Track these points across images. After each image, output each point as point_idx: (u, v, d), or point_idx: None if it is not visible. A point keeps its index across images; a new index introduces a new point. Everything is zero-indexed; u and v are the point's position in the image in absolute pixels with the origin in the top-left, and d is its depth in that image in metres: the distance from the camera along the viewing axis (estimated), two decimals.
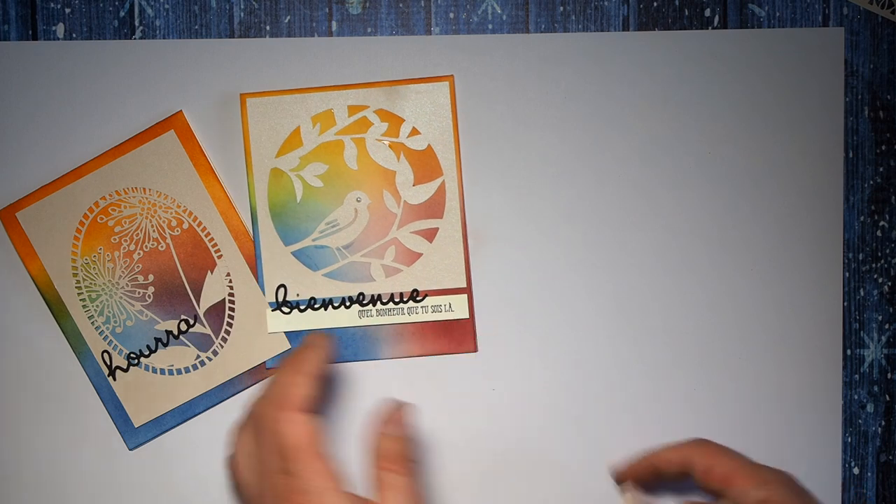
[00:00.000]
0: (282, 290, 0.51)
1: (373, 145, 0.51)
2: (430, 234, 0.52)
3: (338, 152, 0.51)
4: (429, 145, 0.51)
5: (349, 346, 0.52)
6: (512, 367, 0.52)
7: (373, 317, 0.51)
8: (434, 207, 0.52)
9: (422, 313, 0.52)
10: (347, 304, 0.51)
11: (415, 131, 0.51)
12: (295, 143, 0.51)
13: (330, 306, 0.51)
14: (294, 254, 0.51)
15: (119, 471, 0.52)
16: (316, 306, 0.51)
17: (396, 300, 0.51)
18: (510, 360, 0.52)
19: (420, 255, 0.51)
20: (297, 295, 0.51)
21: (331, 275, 0.51)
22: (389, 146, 0.51)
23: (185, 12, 0.52)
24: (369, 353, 0.52)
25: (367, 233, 0.51)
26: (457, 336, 0.52)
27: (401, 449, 0.42)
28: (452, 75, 0.51)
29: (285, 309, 0.51)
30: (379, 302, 0.51)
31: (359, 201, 0.51)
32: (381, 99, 0.51)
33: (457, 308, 0.52)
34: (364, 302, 0.51)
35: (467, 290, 0.52)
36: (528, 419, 0.52)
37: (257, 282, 0.51)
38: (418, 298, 0.51)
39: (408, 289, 0.51)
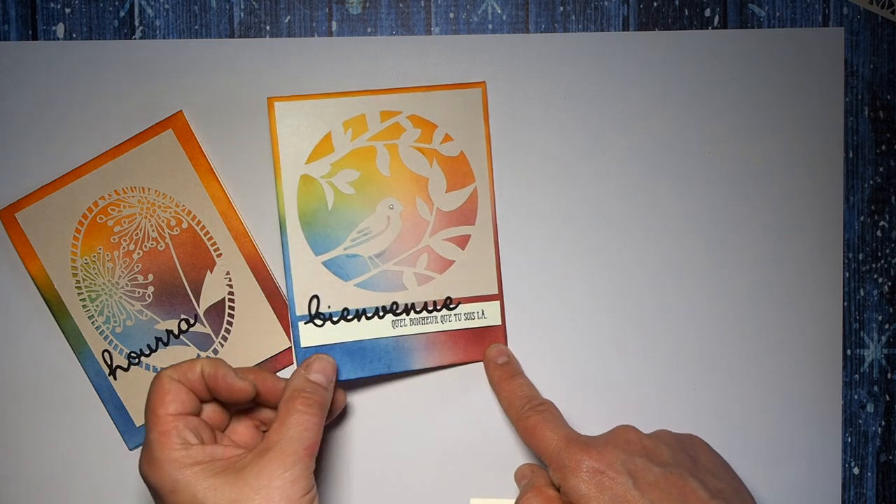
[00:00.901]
0: (314, 301, 0.50)
1: (405, 151, 0.50)
2: (462, 241, 0.51)
3: (370, 158, 0.50)
4: (461, 152, 0.51)
5: (382, 357, 0.50)
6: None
7: (406, 326, 0.51)
8: (466, 214, 0.51)
9: (455, 321, 0.51)
10: (381, 314, 0.50)
11: (447, 137, 0.51)
12: (326, 149, 0.50)
13: (363, 317, 0.50)
14: (325, 263, 0.50)
15: (119, 471, 0.52)
16: (349, 318, 0.50)
17: (430, 309, 0.51)
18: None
19: (452, 262, 0.51)
20: (329, 307, 0.50)
21: (363, 284, 0.50)
22: (422, 152, 0.51)
23: (185, 12, 0.52)
24: (402, 363, 0.51)
25: (399, 241, 0.51)
26: (490, 343, 0.51)
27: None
28: (485, 81, 0.51)
29: (318, 321, 0.50)
30: (412, 311, 0.50)
31: (391, 208, 0.50)
32: (414, 104, 0.50)
33: (489, 315, 0.51)
34: (397, 311, 0.50)
35: (499, 297, 0.51)
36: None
37: (286, 293, 0.50)
38: (451, 306, 0.51)
39: (441, 297, 0.51)
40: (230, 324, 0.51)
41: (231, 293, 0.51)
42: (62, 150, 0.51)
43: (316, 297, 0.50)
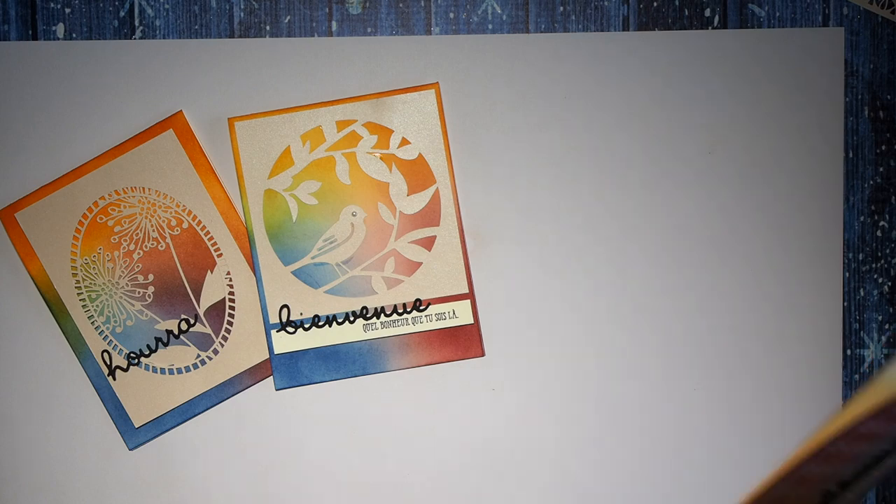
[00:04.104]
0: (285, 310, 0.51)
1: (364, 159, 0.51)
2: (428, 243, 0.52)
3: (329, 168, 0.51)
4: (419, 154, 0.51)
5: (356, 360, 0.52)
6: (521, 368, 0.52)
7: (377, 329, 0.51)
8: (430, 215, 0.52)
9: (426, 322, 0.52)
10: (351, 319, 0.51)
11: (405, 141, 0.51)
12: (286, 163, 0.51)
13: (334, 322, 0.51)
14: (294, 273, 0.51)
15: (119, 471, 0.52)
16: (320, 324, 0.51)
17: (400, 311, 0.51)
18: (519, 362, 0.52)
19: (420, 264, 0.51)
20: (301, 314, 0.51)
21: (332, 291, 0.51)
22: (381, 158, 0.51)
23: (185, 12, 0.52)
24: (377, 366, 0.52)
25: (365, 246, 0.51)
26: (463, 342, 0.52)
27: None
28: (437, 83, 0.51)
29: (290, 329, 0.51)
30: (383, 314, 0.51)
31: (354, 215, 0.51)
32: (369, 112, 0.51)
33: (461, 314, 0.52)
34: (368, 315, 0.51)
35: (470, 296, 0.52)
36: (536, 418, 0.52)
37: (259, 303, 0.51)
38: (421, 308, 0.51)
39: (410, 299, 0.51)
40: (230, 324, 0.51)
41: (231, 293, 0.51)
42: (62, 150, 0.51)
43: (286, 306, 0.51)
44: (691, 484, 0.52)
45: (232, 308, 0.51)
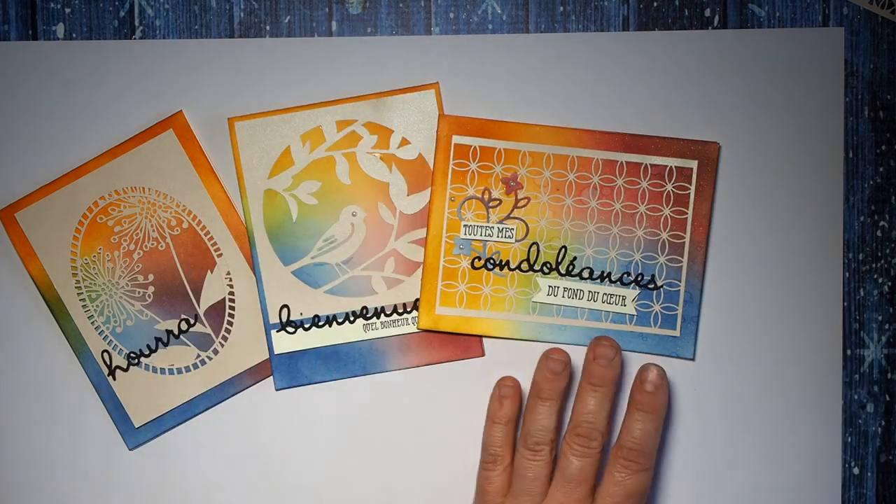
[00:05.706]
0: (285, 310, 0.51)
1: (364, 159, 0.51)
2: None
3: (329, 168, 0.51)
4: (420, 154, 0.51)
5: (356, 360, 0.52)
6: (522, 368, 0.52)
7: (378, 329, 0.51)
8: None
9: None
10: (351, 318, 0.51)
11: (405, 141, 0.51)
12: (286, 163, 0.51)
13: (334, 322, 0.51)
14: (294, 273, 0.51)
15: (119, 471, 0.52)
16: (320, 324, 0.51)
17: (400, 311, 0.51)
18: (520, 362, 0.52)
19: (420, 263, 0.51)
20: (301, 314, 0.51)
21: (333, 291, 0.51)
22: (381, 158, 0.51)
23: (185, 12, 0.52)
24: (377, 366, 0.52)
25: (365, 246, 0.51)
26: (463, 342, 0.52)
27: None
28: (438, 82, 0.51)
29: (290, 329, 0.51)
30: (383, 314, 0.51)
31: (354, 215, 0.51)
32: (369, 112, 0.51)
33: None
34: (368, 315, 0.51)
35: None
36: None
37: (259, 303, 0.51)
38: None
39: (410, 299, 0.51)
40: (230, 324, 0.51)
41: (231, 293, 0.51)
42: (62, 150, 0.51)
43: (286, 305, 0.51)
44: (689, 483, 0.52)
45: (232, 308, 0.51)
